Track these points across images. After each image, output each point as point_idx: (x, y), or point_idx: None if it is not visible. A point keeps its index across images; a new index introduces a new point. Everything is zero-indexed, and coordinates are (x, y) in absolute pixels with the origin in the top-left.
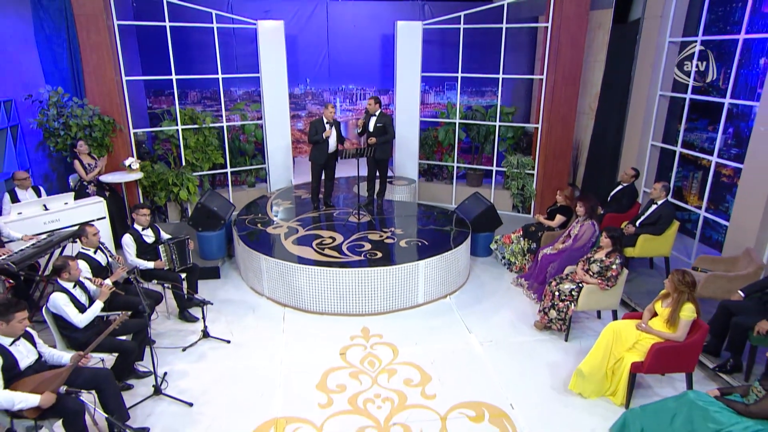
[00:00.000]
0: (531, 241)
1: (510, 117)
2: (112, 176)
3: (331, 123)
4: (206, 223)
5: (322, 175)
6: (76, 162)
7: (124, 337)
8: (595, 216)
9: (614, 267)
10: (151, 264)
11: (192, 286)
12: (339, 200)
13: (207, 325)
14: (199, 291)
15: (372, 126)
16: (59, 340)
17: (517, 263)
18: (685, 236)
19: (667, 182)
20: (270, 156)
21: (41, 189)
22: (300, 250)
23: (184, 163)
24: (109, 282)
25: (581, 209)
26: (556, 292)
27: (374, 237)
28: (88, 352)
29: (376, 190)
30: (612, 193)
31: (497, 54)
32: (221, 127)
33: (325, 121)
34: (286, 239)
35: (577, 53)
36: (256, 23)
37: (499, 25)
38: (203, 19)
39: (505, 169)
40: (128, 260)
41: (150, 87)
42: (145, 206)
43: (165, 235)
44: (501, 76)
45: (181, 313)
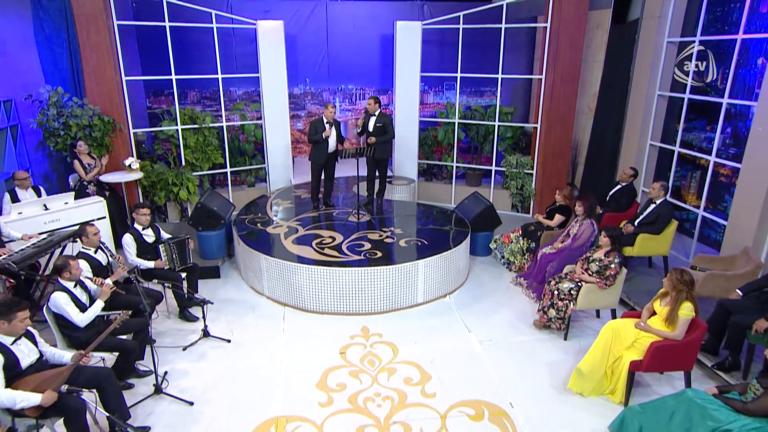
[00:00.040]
0: (530, 240)
1: (509, 117)
2: (112, 176)
3: (331, 123)
4: (206, 223)
5: (322, 175)
6: (76, 162)
7: (125, 337)
8: (594, 215)
9: (613, 266)
10: (151, 263)
11: (192, 286)
12: (339, 200)
13: (207, 325)
14: (199, 290)
15: (371, 126)
16: (60, 339)
17: (516, 262)
18: (684, 235)
19: (665, 182)
20: (270, 156)
21: (41, 189)
22: (300, 250)
23: (183, 163)
24: (110, 281)
25: (580, 209)
26: (555, 291)
27: (374, 236)
28: (88, 351)
29: (375, 189)
30: (611, 193)
31: (496, 54)
32: (221, 127)
33: (325, 120)
34: (285, 239)
35: (576, 53)
36: (255, 23)
37: (498, 25)
38: (203, 19)
39: (504, 169)
40: (128, 260)
41: (150, 87)
42: (146, 206)
43: (165, 234)
44: (500, 76)
45: (181, 313)
